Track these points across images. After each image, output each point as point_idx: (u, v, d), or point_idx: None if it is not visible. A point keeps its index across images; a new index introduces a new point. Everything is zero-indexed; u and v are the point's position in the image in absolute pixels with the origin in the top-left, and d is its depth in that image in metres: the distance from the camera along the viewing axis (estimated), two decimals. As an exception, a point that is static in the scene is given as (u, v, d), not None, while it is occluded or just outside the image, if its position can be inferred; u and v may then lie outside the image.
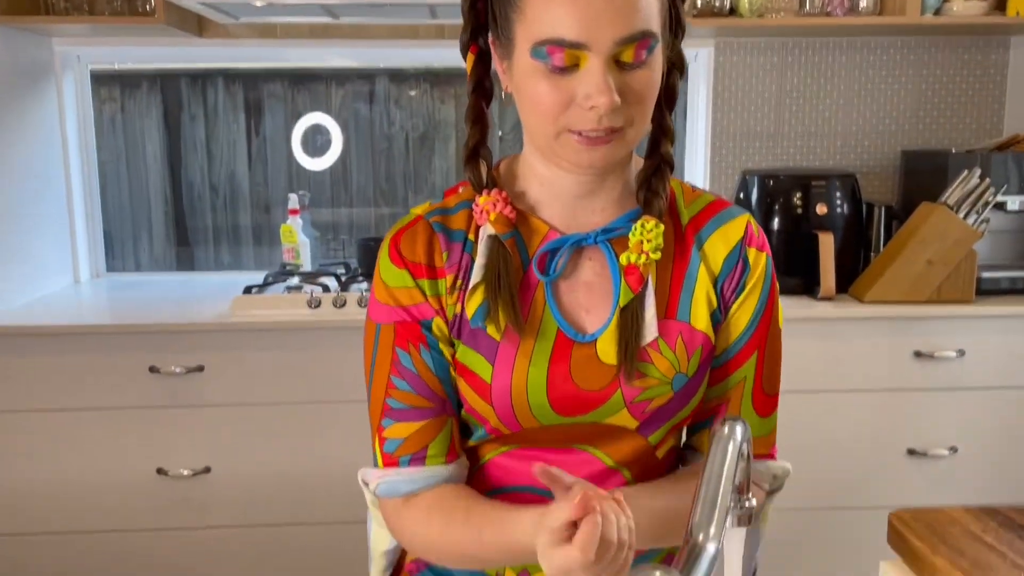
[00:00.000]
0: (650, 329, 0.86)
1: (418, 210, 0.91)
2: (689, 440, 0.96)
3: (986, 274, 2.13)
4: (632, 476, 0.90)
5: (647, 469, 0.91)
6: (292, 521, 2.04)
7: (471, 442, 0.92)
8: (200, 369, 1.96)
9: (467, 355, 0.86)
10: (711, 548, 0.45)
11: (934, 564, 0.86)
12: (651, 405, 0.86)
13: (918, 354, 2.04)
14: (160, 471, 2.00)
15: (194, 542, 2.03)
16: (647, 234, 0.84)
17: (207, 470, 2.01)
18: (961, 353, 2.04)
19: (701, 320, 0.87)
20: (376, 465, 0.89)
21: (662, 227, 0.85)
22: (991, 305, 2.05)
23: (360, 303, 2.02)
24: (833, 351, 2.04)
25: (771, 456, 0.93)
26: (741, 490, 0.56)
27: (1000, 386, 2.07)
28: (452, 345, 0.88)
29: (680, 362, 0.86)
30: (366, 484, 0.91)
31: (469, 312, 0.85)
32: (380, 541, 0.99)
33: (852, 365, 2.04)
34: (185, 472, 2.00)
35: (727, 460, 0.50)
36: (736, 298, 0.89)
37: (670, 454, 0.93)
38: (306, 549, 2.05)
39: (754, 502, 0.57)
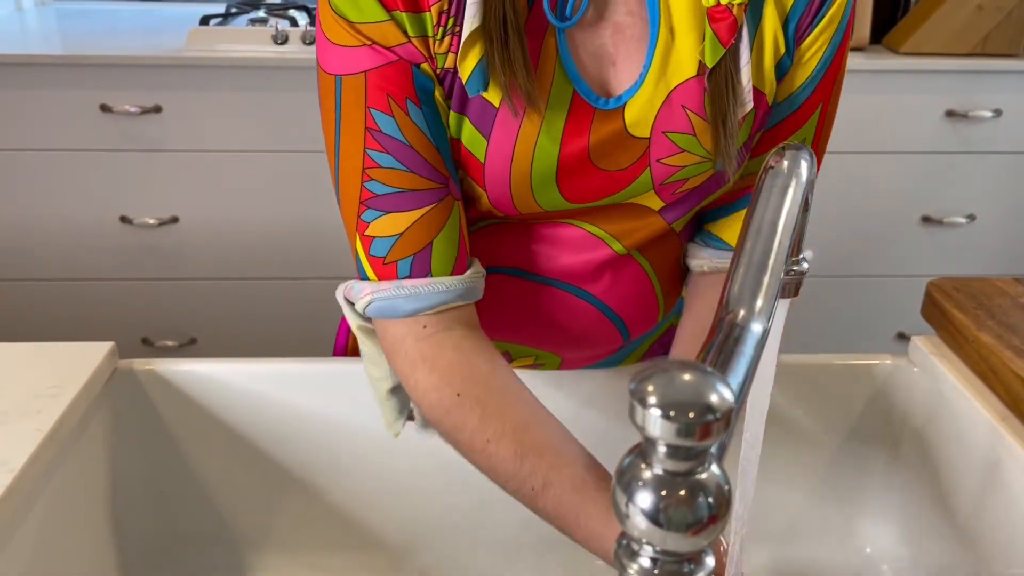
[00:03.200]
0: (747, 97, 0.62)
1: None
2: (705, 228, 0.74)
3: (1040, 24, 1.89)
4: (648, 262, 0.73)
5: (665, 253, 0.73)
6: (265, 275, 1.94)
7: None
8: (157, 110, 1.78)
9: (455, 125, 0.63)
10: (756, 329, 0.31)
11: (979, 339, 0.74)
12: (685, 186, 0.66)
13: (950, 114, 1.85)
14: (124, 219, 1.87)
15: (164, 293, 1.94)
16: None
17: (175, 220, 1.88)
18: (997, 113, 1.85)
19: (767, 77, 0.64)
20: (364, 277, 0.64)
21: None
22: (1041, 60, 1.83)
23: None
24: (857, 109, 1.84)
25: None
26: (793, 247, 0.41)
27: (1033, 151, 1.91)
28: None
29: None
30: (350, 303, 0.67)
31: (464, 73, 0.59)
32: (380, 383, 0.74)
33: (876, 125, 1.86)
34: (151, 221, 1.87)
35: (786, 205, 0.34)
36: (810, 32, 0.64)
37: (688, 227, 0.75)
38: (280, 303, 1.97)
39: (805, 265, 0.42)
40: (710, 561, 0.24)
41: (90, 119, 1.78)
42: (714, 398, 0.22)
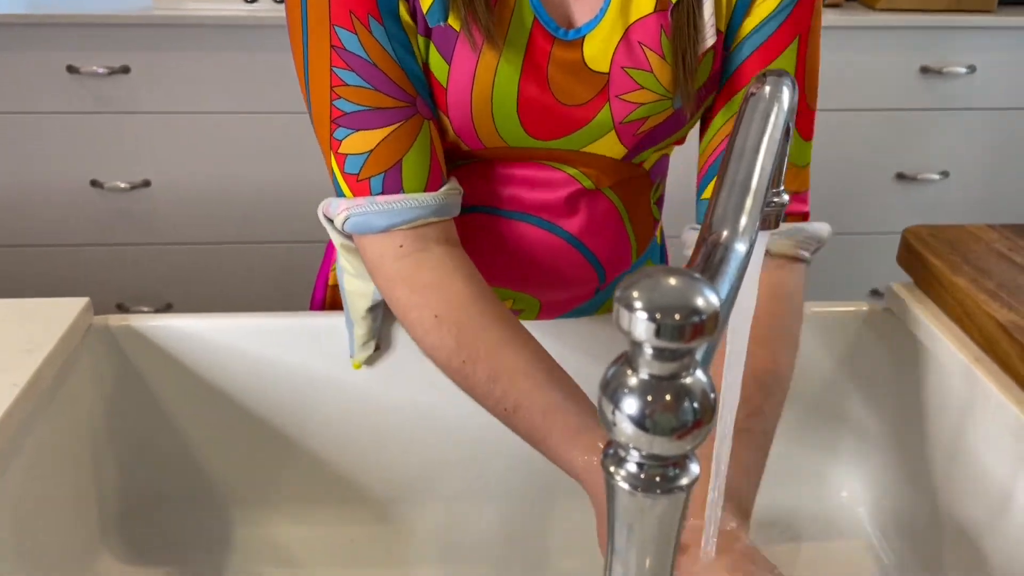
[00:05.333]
0: (708, 31, 0.63)
1: None
2: (702, 196, 0.73)
3: (1014, -21, 1.90)
4: (618, 196, 0.74)
5: (634, 190, 0.75)
6: (240, 239, 1.92)
7: None
8: (125, 71, 1.74)
9: (424, 48, 0.64)
10: (740, 248, 0.30)
11: (954, 284, 0.74)
12: (645, 125, 0.67)
13: (925, 70, 1.86)
14: (95, 183, 1.84)
15: (138, 259, 1.92)
16: None
17: (146, 184, 1.85)
18: (972, 69, 1.86)
19: (724, 11, 0.64)
20: (341, 194, 0.66)
21: None
22: (1013, 15, 1.83)
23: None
24: (832, 66, 1.84)
25: (805, 213, 0.72)
26: (774, 179, 0.41)
27: (1003, 107, 1.92)
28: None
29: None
30: (330, 220, 0.69)
31: (424, 4, 0.62)
32: (359, 300, 0.75)
33: (851, 82, 1.86)
34: (122, 185, 1.84)
35: (767, 130, 0.34)
36: None
37: (659, 164, 0.77)
38: (256, 267, 1.95)
39: (786, 198, 0.42)
40: (694, 467, 0.24)
41: (57, 81, 1.75)
42: (700, 301, 0.22)
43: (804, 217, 0.72)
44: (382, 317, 0.77)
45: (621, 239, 0.75)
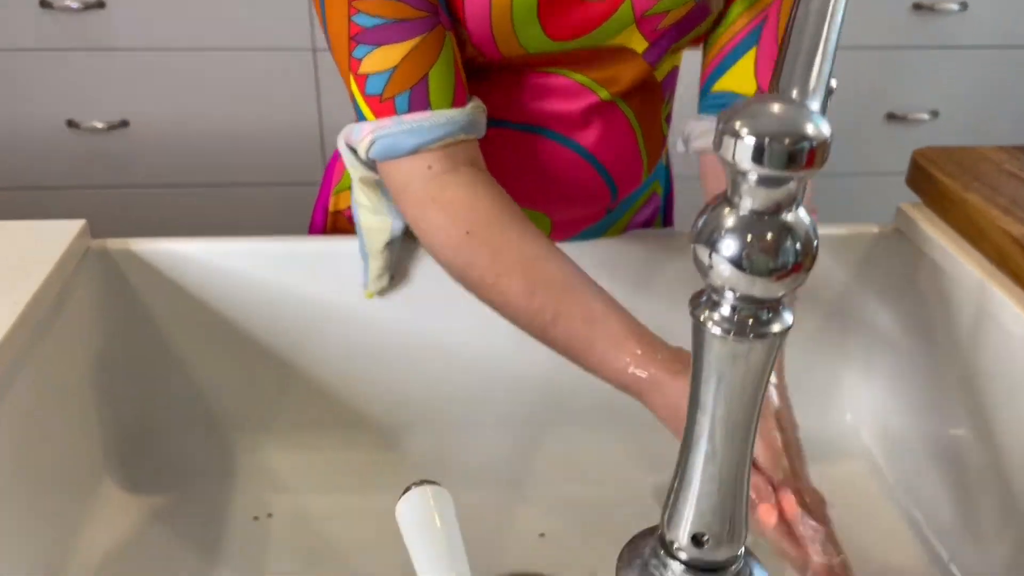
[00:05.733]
0: None
1: None
2: (712, 92, 0.71)
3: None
4: (631, 109, 0.72)
5: (647, 102, 0.73)
6: (221, 182, 1.88)
7: None
8: (100, 5, 1.68)
9: None
10: (812, 107, 0.29)
11: (966, 201, 0.74)
12: (667, 19, 0.66)
13: (917, 7, 1.84)
14: (71, 124, 1.79)
15: (116, 201, 1.87)
16: None
17: (125, 123, 1.80)
18: (964, 7, 1.84)
19: None
20: (363, 119, 0.63)
21: None
22: (1007, -50, 1.82)
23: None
24: (825, 1, 1.82)
25: None
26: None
27: (995, 45, 1.91)
28: None
29: None
30: (353, 150, 0.65)
31: None
32: (377, 235, 0.73)
33: (843, 20, 1.84)
34: (99, 125, 1.79)
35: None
36: None
37: (670, 76, 0.76)
38: (240, 211, 1.91)
39: (833, 83, 0.41)
40: (788, 316, 0.23)
41: (29, 16, 1.68)
42: (810, 128, 0.21)
43: None
44: (399, 250, 0.76)
45: (634, 155, 0.74)
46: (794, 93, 0.30)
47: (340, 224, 0.83)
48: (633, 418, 0.61)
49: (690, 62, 0.77)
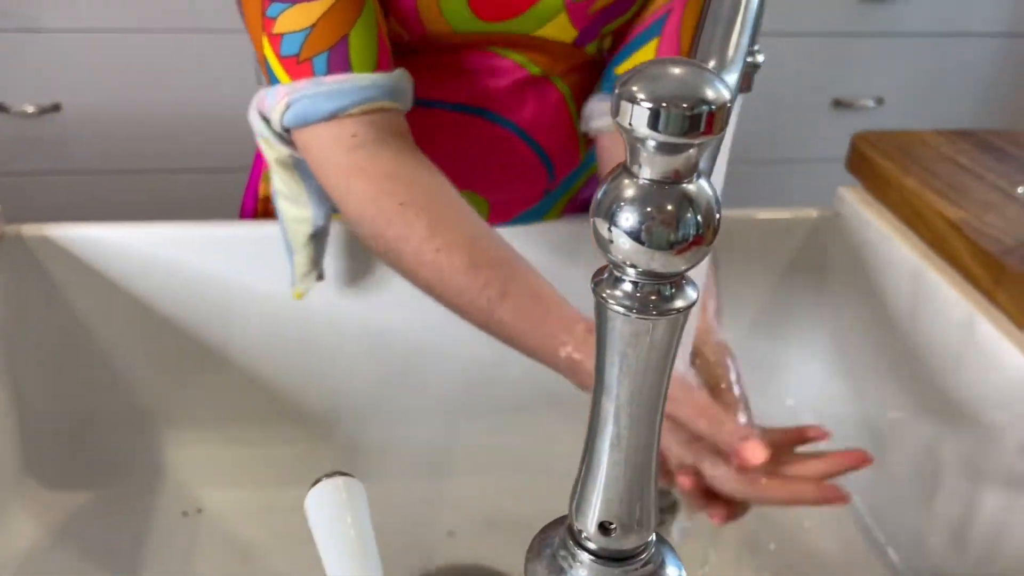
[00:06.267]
0: None
1: None
2: (615, 73, 0.70)
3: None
4: (568, 86, 0.70)
5: (583, 79, 0.71)
6: (158, 168, 1.83)
7: None
8: (30, -17, 1.62)
9: None
10: (728, 79, 0.28)
11: (903, 185, 0.74)
12: (595, 5, 0.64)
13: (862, -6, 1.86)
14: (0, 107, 1.72)
15: (50, 187, 1.81)
16: None
17: (56, 107, 1.74)
18: (907, -6, 1.86)
19: None
20: (277, 83, 0.58)
21: None
22: (949, -61, 1.84)
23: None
24: (771, -12, 1.83)
25: None
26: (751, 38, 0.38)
27: (939, 32, 1.93)
28: None
29: None
30: (265, 119, 0.60)
31: None
32: (299, 226, 0.67)
33: (789, 6, 1.85)
34: (30, 109, 1.72)
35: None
36: None
37: (610, 51, 0.74)
38: (175, 196, 1.86)
39: (760, 58, 0.40)
40: (692, 292, 0.22)
41: (-47, -6, 1.61)
42: (710, 92, 0.19)
43: None
44: (326, 244, 0.71)
45: (569, 134, 0.72)
46: (711, 63, 0.28)
47: (270, 210, 0.80)
48: (569, 407, 0.60)
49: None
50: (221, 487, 0.75)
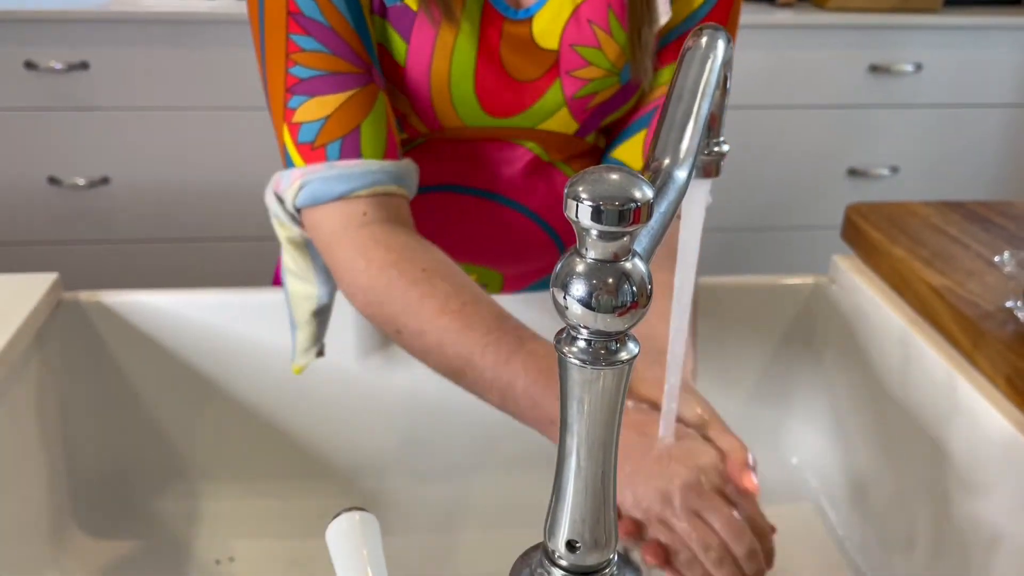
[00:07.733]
0: (663, 7, 0.65)
1: None
2: (610, 154, 0.76)
3: (955, -19, 1.97)
4: (573, 171, 0.76)
5: (588, 163, 0.78)
6: (199, 236, 1.92)
7: None
8: (84, 66, 1.74)
9: (379, 29, 0.66)
10: (680, 175, 0.33)
11: (892, 254, 0.79)
12: (594, 100, 0.71)
13: (874, 68, 1.92)
14: (53, 180, 1.83)
15: (96, 257, 1.91)
16: None
17: (105, 180, 1.85)
18: (919, 68, 1.93)
19: None
20: (294, 167, 0.64)
21: None
22: (957, 15, 1.91)
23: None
24: (785, 63, 1.90)
25: None
26: (712, 126, 0.44)
27: (952, 103, 1.99)
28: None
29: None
30: (280, 199, 0.66)
31: None
32: (303, 303, 0.72)
33: (804, 79, 1.92)
34: (81, 182, 1.83)
35: (704, 75, 0.37)
36: None
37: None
38: (216, 265, 1.95)
39: (725, 147, 0.45)
40: (633, 345, 0.27)
41: (14, 77, 1.74)
42: (637, 192, 0.25)
43: None
44: (328, 322, 0.75)
45: None
46: (666, 161, 0.34)
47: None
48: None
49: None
50: (252, 537, 0.79)
